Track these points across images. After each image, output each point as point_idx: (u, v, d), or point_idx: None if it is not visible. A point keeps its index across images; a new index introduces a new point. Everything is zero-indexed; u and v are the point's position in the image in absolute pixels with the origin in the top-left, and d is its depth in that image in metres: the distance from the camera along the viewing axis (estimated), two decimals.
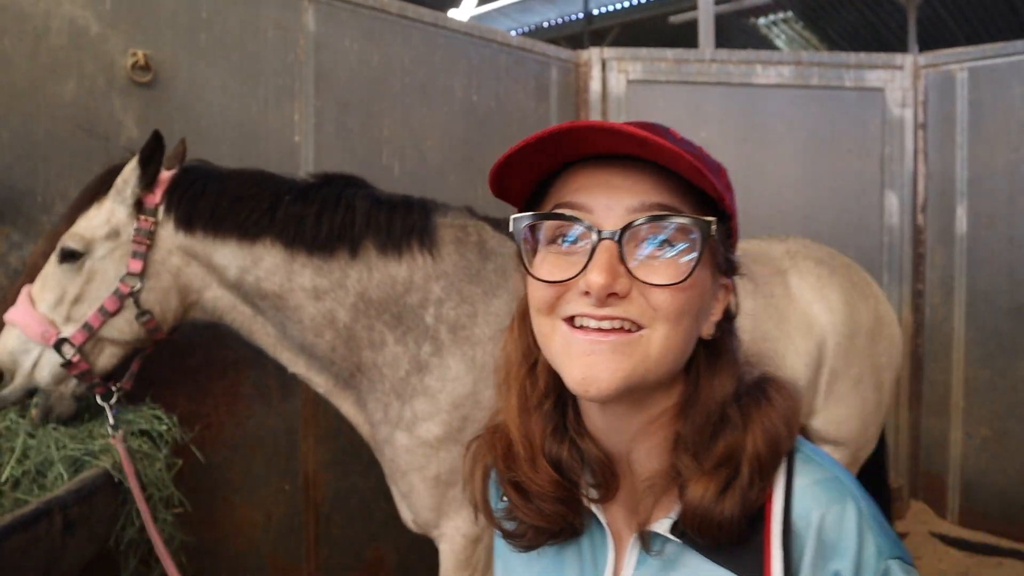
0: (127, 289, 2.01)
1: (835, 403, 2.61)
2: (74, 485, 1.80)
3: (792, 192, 4.13)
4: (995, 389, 3.99)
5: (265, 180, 2.13)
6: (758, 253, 2.68)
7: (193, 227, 2.05)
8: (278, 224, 2.05)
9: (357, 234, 2.10)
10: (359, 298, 2.09)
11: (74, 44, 2.53)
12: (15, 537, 1.58)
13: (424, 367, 2.08)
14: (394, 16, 3.33)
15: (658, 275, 0.73)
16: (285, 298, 2.08)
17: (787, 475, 0.78)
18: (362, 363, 2.13)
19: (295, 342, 2.15)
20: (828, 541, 0.74)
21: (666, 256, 0.74)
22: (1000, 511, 3.98)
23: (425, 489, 2.09)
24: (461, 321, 2.11)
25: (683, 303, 0.74)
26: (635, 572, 0.80)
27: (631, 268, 0.73)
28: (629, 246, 0.73)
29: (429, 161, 3.46)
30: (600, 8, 14.93)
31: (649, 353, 0.74)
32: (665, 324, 0.73)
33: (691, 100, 4.07)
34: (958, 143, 4.08)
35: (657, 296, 0.73)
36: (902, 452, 4.28)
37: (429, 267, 2.13)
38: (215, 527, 2.81)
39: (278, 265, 2.06)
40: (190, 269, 2.08)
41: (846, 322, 2.59)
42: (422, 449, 2.06)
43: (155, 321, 2.06)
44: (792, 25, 14.04)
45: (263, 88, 2.95)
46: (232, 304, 2.14)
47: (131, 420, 2.15)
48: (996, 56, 3.99)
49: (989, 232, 4.00)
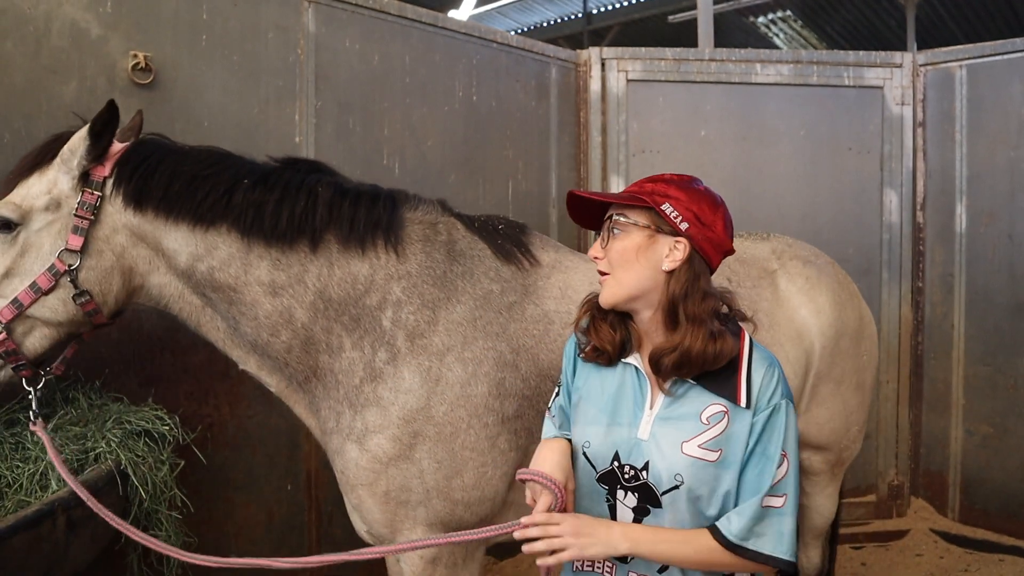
0: (63, 266, 1.85)
1: (817, 405, 2.56)
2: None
3: (791, 190, 4.13)
4: (995, 386, 3.99)
5: (224, 160, 1.97)
6: (743, 253, 2.60)
7: (143, 206, 1.89)
8: (235, 210, 1.90)
9: (319, 225, 1.95)
10: (318, 296, 1.95)
11: (75, 46, 2.54)
12: (19, 536, 1.59)
13: (378, 375, 1.95)
14: (394, 16, 3.34)
15: (613, 244, 1.48)
16: (240, 291, 1.93)
17: (749, 350, 1.49)
18: (318, 367, 1.99)
19: (247, 339, 2.01)
20: (766, 382, 1.45)
21: (617, 235, 1.49)
22: (1000, 508, 3.99)
23: (375, 505, 1.96)
24: (420, 328, 1.97)
25: (622, 256, 1.47)
26: (663, 400, 1.48)
27: (609, 244, 1.50)
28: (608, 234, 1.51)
29: (429, 161, 3.46)
30: (599, 7, 14.94)
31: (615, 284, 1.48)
32: (619, 267, 1.47)
33: (690, 99, 4.08)
34: (957, 141, 4.09)
35: (613, 255, 1.48)
36: (902, 450, 4.29)
37: (392, 266, 2.00)
38: (217, 527, 2.82)
39: (233, 255, 1.92)
40: (136, 251, 1.93)
41: (834, 325, 2.54)
42: (371, 464, 1.93)
43: (94, 303, 1.89)
44: (791, 24, 14.05)
45: (263, 89, 2.96)
46: (179, 292, 1.99)
47: (132, 421, 2.15)
48: (995, 54, 4.00)
49: (989, 229, 4.00)
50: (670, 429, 1.45)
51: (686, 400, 1.46)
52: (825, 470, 2.72)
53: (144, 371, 2.56)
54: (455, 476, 1.94)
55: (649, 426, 1.47)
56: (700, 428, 1.43)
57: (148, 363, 2.57)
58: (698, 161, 4.07)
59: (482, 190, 3.69)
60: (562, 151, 4.02)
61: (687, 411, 1.45)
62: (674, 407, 1.47)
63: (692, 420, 1.44)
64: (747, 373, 1.45)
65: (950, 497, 4.18)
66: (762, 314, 2.41)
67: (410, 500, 1.94)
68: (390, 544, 2.03)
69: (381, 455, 1.92)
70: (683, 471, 1.41)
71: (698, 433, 1.42)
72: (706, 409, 1.44)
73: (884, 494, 4.25)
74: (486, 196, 3.70)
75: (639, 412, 1.49)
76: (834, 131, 4.15)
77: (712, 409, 1.44)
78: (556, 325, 2.09)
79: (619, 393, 1.52)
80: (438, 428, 1.93)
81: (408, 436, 1.92)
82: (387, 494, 1.94)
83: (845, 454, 2.74)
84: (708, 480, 1.41)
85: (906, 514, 4.25)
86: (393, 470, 1.92)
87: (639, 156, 4.05)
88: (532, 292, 2.13)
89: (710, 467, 1.41)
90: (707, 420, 1.43)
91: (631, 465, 1.47)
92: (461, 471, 1.94)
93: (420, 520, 1.96)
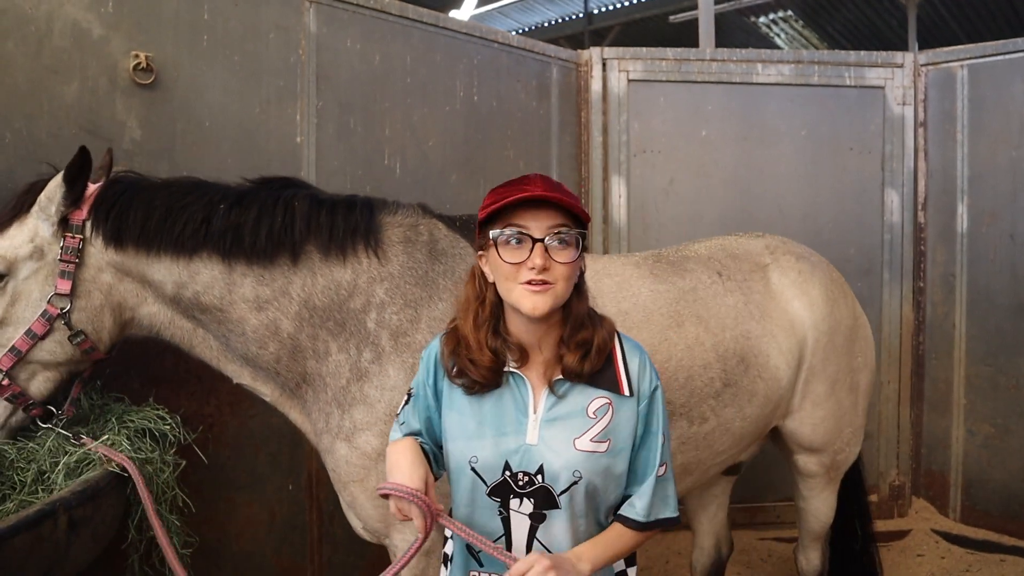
0: (56, 310, 1.92)
1: (810, 404, 2.57)
2: (79, 486, 1.80)
3: (792, 190, 4.13)
4: (996, 386, 3.99)
5: (198, 188, 2.02)
6: (736, 249, 2.62)
7: (123, 243, 1.95)
8: (215, 235, 1.95)
9: (298, 238, 2.00)
10: (303, 306, 2.01)
11: (76, 46, 2.54)
12: (20, 536, 1.59)
13: (364, 375, 2.00)
14: (395, 17, 3.34)
15: (561, 258, 1.45)
16: (226, 311, 2.00)
17: (620, 343, 1.57)
18: (307, 373, 2.06)
19: (238, 354, 2.08)
20: (642, 370, 1.55)
21: (563, 249, 1.45)
22: (1002, 508, 3.98)
23: (367, 501, 2.02)
24: (403, 327, 2.02)
25: (570, 270, 1.47)
26: (546, 402, 1.51)
27: (551, 255, 1.45)
28: (548, 244, 1.45)
29: (431, 161, 3.46)
30: (600, 8, 14.94)
31: (557, 294, 1.45)
32: (563, 280, 1.46)
33: (691, 99, 4.08)
34: (958, 141, 4.09)
35: (559, 268, 1.45)
36: (904, 450, 4.28)
37: (374, 269, 2.05)
38: (219, 527, 2.82)
39: (216, 278, 1.98)
40: (123, 286, 2.00)
41: (827, 319, 2.54)
42: (361, 461, 1.98)
43: (90, 341, 1.97)
44: (792, 24, 14.04)
45: (264, 89, 2.96)
46: (170, 319, 2.06)
47: (134, 420, 2.15)
48: (996, 54, 3.99)
49: (990, 229, 4.00)
50: (559, 429, 1.49)
51: (570, 398, 1.51)
52: (820, 473, 2.72)
53: (146, 371, 2.56)
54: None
55: (537, 430, 1.50)
56: (589, 423, 1.49)
57: (150, 363, 2.57)
58: (699, 161, 4.07)
59: (483, 190, 3.64)
60: (563, 151, 4.02)
61: (572, 408, 1.50)
62: (559, 407, 1.51)
63: (579, 416, 1.50)
64: (623, 363, 1.54)
65: (951, 497, 4.17)
66: (753, 306, 2.43)
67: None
68: (387, 540, 2.08)
69: (370, 451, 1.98)
70: (579, 466, 1.47)
71: (588, 428, 1.49)
72: (591, 403, 1.50)
73: (885, 494, 4.25)
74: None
75: (523, 418, 1.51)
76: (835, 131, 4.15)
77: (597, 403, 1.51)
78: None
79: (498, 403, 1.52)
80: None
81: None
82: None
83: (839, 457, 2.73)
84: (601, 470, 1.49)
85: (907, 514, 4.25)
86: (383, 466, 1.94)
87: (640, 156, 4.04)
88: None
89: (602, 458, 1.49)
90: (594, 414, 1.50)
91: (524, 472, 1.49)
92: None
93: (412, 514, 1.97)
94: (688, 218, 4.05)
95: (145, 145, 2.66)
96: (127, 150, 2.61)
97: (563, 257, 1.45)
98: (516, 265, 1.44)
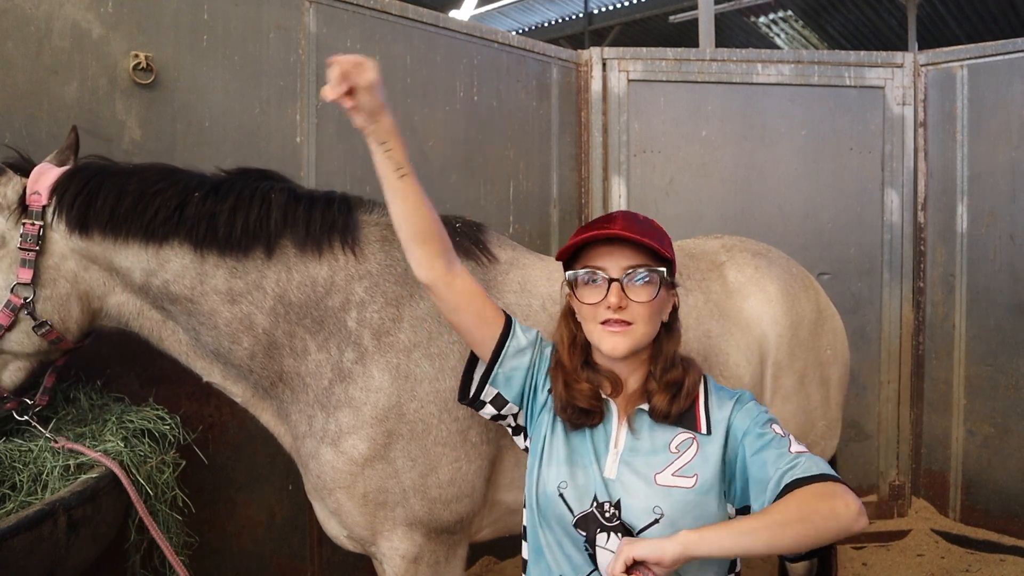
0: (19, 300, 1.87)
1: (780, 399, 2.54)
2: (78, 486, 1.80)
3: (793, 190, 4.13)
4: (996, 386, 3.99)
5: (173, 175, 1.97)
6: (693, 249, 2.62)
7: (89, 229, 1.89)
8: (187, 223, 1.89)
9: (273, 231, 1.95)
10: (278, 301, 1.95)
11: (76, 46, 2.54)
12: (20, 537, 1.59)
13: (348, 376, 1.95)
14: (395, 17, 3.34)
15: (639, 297, 1.46)
16: (197, 302, 1.93)
17: (704, 384, 1.56)
18: (284, 372, 1.99)
19: (209, 349, 2.01)
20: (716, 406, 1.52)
21: (642, 287, 1.46)
22: (1002, 508, 3.99)
23: (354, 507, 1.97)
24: (386, 326, 1.98)
25: (650, 310, 1.47)
26: (627, 437, 1.52)
27: (628, 294, 1.46)
28: (626, 283, 1.46)
29: (431, 161, 3.46)
30: (600, 8, 14.94)
31: (637, 335, 1.47)
32: (643, 321, 1.47)
33: (692, 99, 4.08)
34: (958, 141, 4.09)
35: (638, 308, 1.46)
36: (904, 450, 4.28)
37: (351, 267, 2.00)
38: (219, 527, 2.82)
39: (187, 267, 1.92)
40: (89, 274, 1.94)
41: (787, 313, 2.52)
42: (348, 467, 1.93)
43: (56, 332, 1.92)
44: (792, 24, 14.05)
45: (265, 89, 2.96)
46: (139, 310, 2.01)
47: (134, 420, 2.15)
48: (996, 54, 3.99)
49: (990, 229, 4.00)
50: (639, 463, 1.47)
51: (651, 434, 1.50)
52: None
53: (145, 371, 2.56)
54: (430, 473, 1.95)
55: (616, 464, 1.48)
56: (671, 457, 1.46)
57: (149, 363, 2.57)
58: (699, 161, 4.07)
59: (483, 190, 3.69)
60: (563, 151, 4.02)
61: (654, 444, 1.49)
62: (640, 442, 1.50)
63: (662, 452, 1.47)
64: (704, 404, 1.51)
65: (951, 497, 4.17)
66: (712, 305, 2.42)
67: (388, 501, 1.95)
68: (372, 547, 2.05)
69: (357, 456, 1.93)
70: (661, 502, 1.42)
71: (670, 463, 1.45)
72: (674, 439, 1.48)
73: (885, 494, 4.25)
74: (487, 196, 3.70)
75: (604, 451, 1.51)
76: (835, 131, 4.15)
77: (680, 438, 1.48)
78: (517, 317, 2.10)
79: (589, 433, 1.54)
80: (410, 425, 1.94)
81: (382, 435, 1.92)
82: (365, 496, 1.94)
83: (814, 451, 2.70)
84: (690, 508, 1.41)
85: (907, 514, 4.25)
86: (369, 471, 1.93)
87: (640, 156, 4.04)
88: (492, 287, 2.15)
89: (689, 493, 1.42)
90: (676, 448, 1.47)
91: (609, 502, 1.46)
92: (436, 468, 1.95)
93: (400, 520, 1.97)
94: (688, 218, 4.05)
95: (145, 145, 2.66)
96: (127, 150, 2.61)
97: (641, 296, 1.44)
98: (593, 305, 1.46)
